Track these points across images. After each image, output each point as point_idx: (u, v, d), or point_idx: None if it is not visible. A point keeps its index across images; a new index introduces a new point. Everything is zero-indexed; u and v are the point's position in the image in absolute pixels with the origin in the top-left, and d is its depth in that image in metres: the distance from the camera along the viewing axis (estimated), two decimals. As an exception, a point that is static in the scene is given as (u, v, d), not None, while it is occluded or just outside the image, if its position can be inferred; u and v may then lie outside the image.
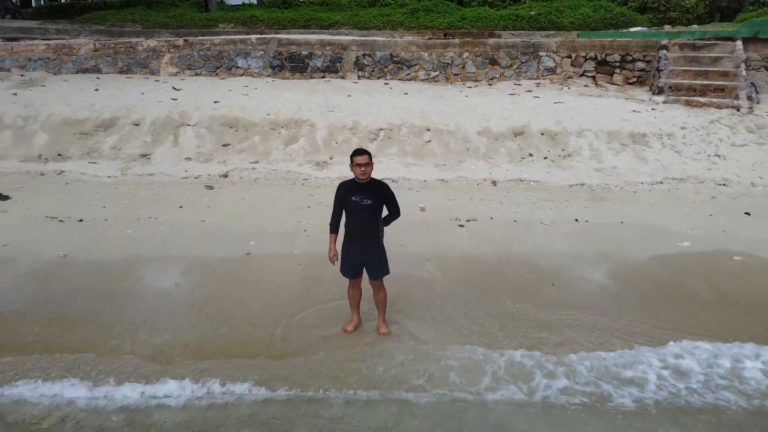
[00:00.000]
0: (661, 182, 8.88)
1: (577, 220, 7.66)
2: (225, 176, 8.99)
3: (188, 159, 9.51)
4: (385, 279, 5.05)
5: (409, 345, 4.97)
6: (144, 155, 9.60)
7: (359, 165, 4.69)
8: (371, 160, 4.77)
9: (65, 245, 6.72)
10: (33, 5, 55.12)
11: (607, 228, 7.44)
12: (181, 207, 7.89)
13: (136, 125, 10.19)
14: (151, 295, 5.75)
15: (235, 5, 23.29)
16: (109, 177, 8.88)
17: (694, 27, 15.83)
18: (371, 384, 4.49)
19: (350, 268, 5.00)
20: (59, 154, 9.56)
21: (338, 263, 4.97)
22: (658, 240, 7.11)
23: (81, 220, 7.41)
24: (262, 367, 4.67)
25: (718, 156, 9.50)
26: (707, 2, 23.24)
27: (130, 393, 4.36)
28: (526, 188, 8.77)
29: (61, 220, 7.41)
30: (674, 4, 23.47)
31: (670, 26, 16.41)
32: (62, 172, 9.00)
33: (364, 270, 5.01)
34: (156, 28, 15.48)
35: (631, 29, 15.98)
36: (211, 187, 8.61)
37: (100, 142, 9.83)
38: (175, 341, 5.01)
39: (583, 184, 8.84)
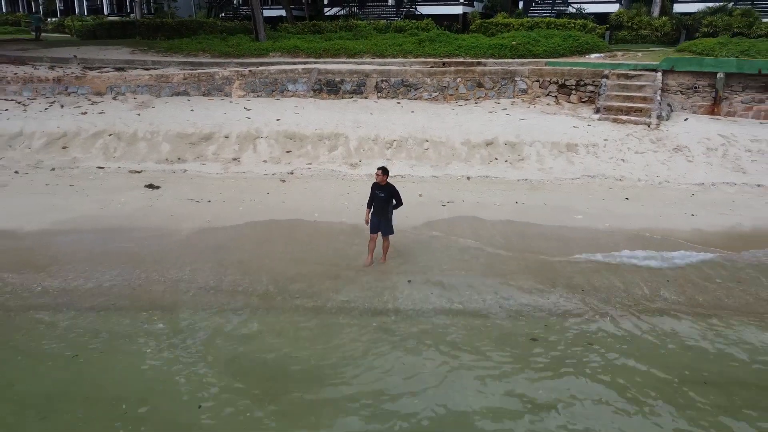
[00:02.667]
0: (579, 178, 13.38)
1: (517, 202, 12.17)
2: (291, 173, 13.65)
3: (265, 161, 14.19)
4: (397, 234, 9.62)
5: (403, 265, 9.58)
6: (235, 159, 14.29)
7: (376, 174, 9.29)
8: (384, 173, 9.28)
9: (206, 216, 11.38)
10: (76, 12, 59.87)
11: (535, 207, 11.93)
12: (267, 193, 12.54)
13: (227, 137, 14.88)
14: (261, 237, 10.41)
15: (271, 20, 27.84)
16: (217, 174, 13.58)
17: (640, 54, 20.06)
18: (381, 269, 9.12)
19: (372, 227, 9.57)
20: (179, 158, 14.29)
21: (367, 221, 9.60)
22: (564, 215, 11.59)
23: (209, 201, 12.09)
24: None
25: (623, 160, 13.96)
26: (674, 22, 27.40)
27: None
28: (489, 182, 13.30)
29: (197, 201, 12.09)
30: (645, 23, 27.78)
31: (623, 54, 20.63)
32: (185, 170, 13.72)
33: (379, 231, 9.61)
34: (221, 57, 20.14)
35: (592, 55, 20.32)
36: (284, 181, 13.27)
37: (204, 150, 14.54)
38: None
39: (527, 179, 13.36)
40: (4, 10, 67.16)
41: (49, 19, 58.31)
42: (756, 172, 13.47)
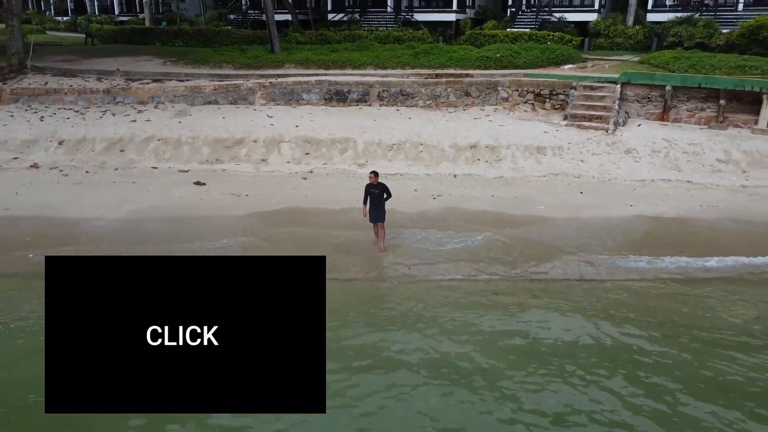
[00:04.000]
0: (544, 176, 16.44)
1: (493, 195, 15.23)
2: (311, 172, 16.69)
3: (288, 162, 17.21)
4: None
5: (399, 246, 12.64)
6: (263, 160, 17.32)
7: (370, 177, 12.22)
8: (375, 176, 12.19)
9: (246, 207, 14.37)
10: (87, 12, 61.94)
11: (506, 199, 14.98)
12: (293, 189, 15.56)
13: (255, 142, 17.89)
14: (292, 221, 13.45)
15: (278, 25, 30.64)
16: (249, 173, 16.60)
17: (607, 66, 23.06)
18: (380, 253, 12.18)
19: (372, 219, 12.50)
20: (217, 159, 17.31)
21: (367, 217, 12.53)
22: (529, 205, 14.63)
23: (247, 195, 15.10)
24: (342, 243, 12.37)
25: (582, 161, 17.02)
26: (646, 30, 30.35)
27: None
28: (472, 179, 16.34)
29: (237, 195, 15.11)
30: (620, 31, 30.69)
31: (592, 65, 23.61)
32: (224, 170, 16.75)
33: (378, 221, 12.57)
34: (243, 69, 23.08)
35: (566, 66, 23.32)
36: (305, 178, 16.30)
37: (237, 152, 17.56)
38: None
39: (502, 177, 16.42)
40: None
41: (61, 18, 60.69)
42: (689, 171, 16.55)
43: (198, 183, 15.82)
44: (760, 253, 11.99)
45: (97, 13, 60.57)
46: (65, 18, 60.73)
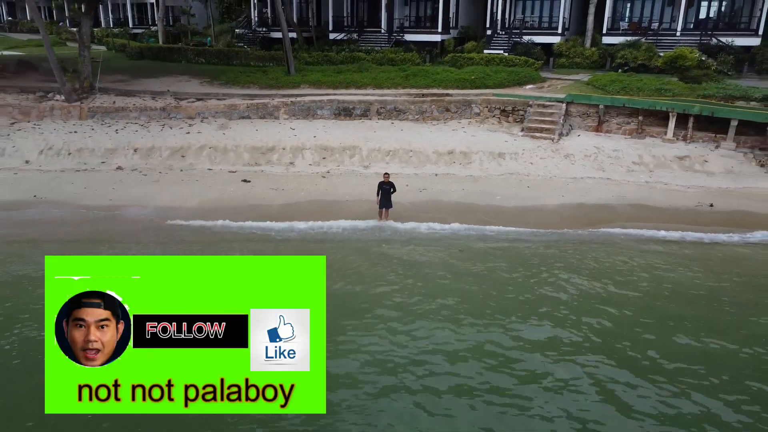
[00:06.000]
0: (503, 175, 22.01)
1: (463, 189, 20.74)
2: (328, 172, 22.15)
3: (310, 165, 22.66)
4: (395, 207, 18.16)
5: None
6: (291, 163, 22.76)
7: (384, 176, 17.77)
8: (388, 176, 17.73)
9: (284, 199, 19.78)
10: (102, 24, 66.76)
11: (473, 192, 20.49)
12: (316, 185, 20.99)
13: (284, 149, 23.32)
14: (317, 208, 18.90)
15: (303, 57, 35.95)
16: (281, 173, 22.02)
17: (560, 86, 28.66)
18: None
19: (381, 205, 18.02)
20: (255, 163, 22.72)
21: (378, 204, 18.05)
22: (489, 197, 20.14)
23: (283, 190, 20.53)
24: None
25: (531, 163, 22.60)
26: (601, 51, 36.01)
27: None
28: (449, 177, 21.85)
29: (275, 190, 20.53)
30: (579, 53, 36.33)
31: (549, 85, 29.20)
32: (263, 171, 22.17)
33: (385, 207, 18.09)
34: (267, 89, 28.47)
35: (528, 86, 28.89)
36: (324, 177, 21.75)
37: (270, 157, 22.98)
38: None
39: (471, 176, 21.95)
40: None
41: (77, 30, 65.27)
42: (611, 171, 22.17)
43: (245, 181, 21.23)
44: (632, 223, 17.74)
45: (111, 25, 65.25)
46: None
